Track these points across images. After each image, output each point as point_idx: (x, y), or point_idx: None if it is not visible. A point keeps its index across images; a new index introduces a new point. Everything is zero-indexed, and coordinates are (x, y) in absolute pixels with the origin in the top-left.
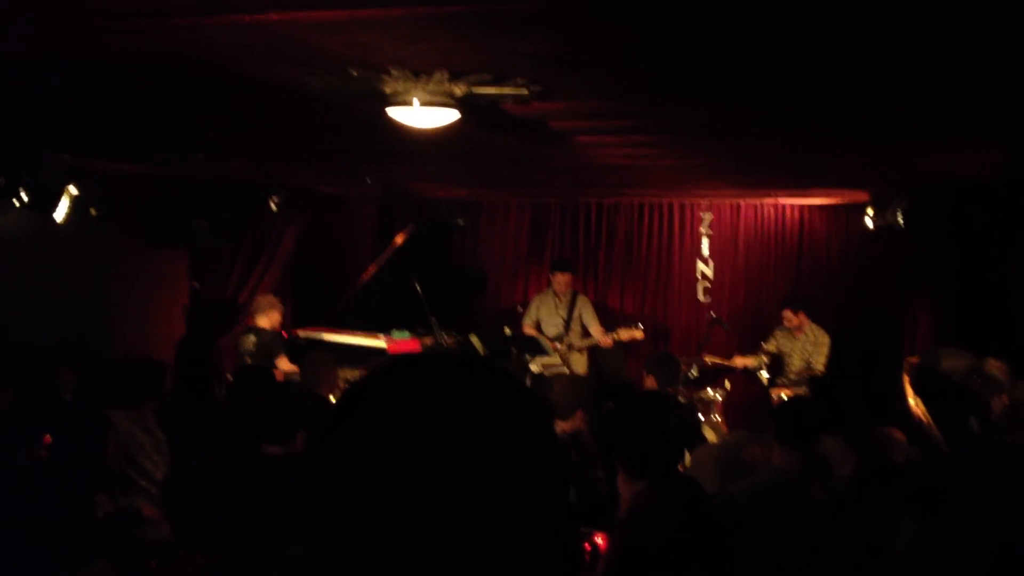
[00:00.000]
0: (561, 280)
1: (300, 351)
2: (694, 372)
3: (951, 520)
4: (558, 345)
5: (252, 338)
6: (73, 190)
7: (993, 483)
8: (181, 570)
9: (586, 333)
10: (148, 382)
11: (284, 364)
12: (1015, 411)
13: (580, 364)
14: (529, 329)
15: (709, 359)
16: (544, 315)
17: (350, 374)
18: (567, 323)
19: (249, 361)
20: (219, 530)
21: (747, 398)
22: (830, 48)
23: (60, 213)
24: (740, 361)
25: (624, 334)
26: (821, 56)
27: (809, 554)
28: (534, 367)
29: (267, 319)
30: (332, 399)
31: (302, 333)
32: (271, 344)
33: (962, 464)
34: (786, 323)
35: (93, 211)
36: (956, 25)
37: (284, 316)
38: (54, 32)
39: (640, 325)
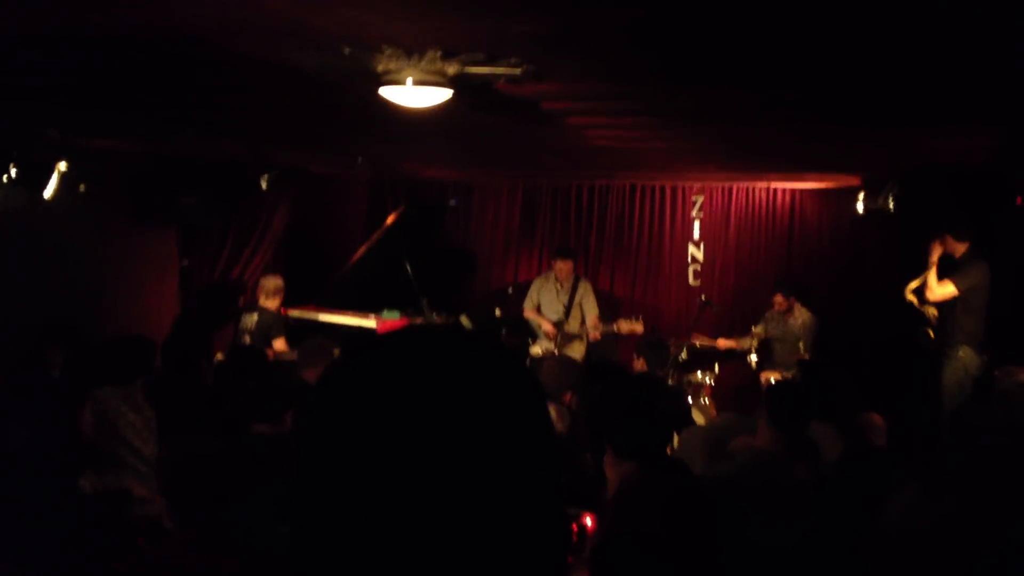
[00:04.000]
0: (562, 267)
1: (290, 331)
2: (684, 355)
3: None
4: (556, 333)
5: (255, 316)
6: (62, 166)
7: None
8: (169, 548)
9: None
10: (137, 360)
11: (280, 345)
12: (1004, 399)
13: (577, 352)
14: (530, 313)
15: (698, 341)
16: (545, 300)
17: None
18: (568, 309)
19: (248, 339)
20: (214, 507)
21: (736, 381)
22: (824, 32)
23: (49, 190)
24: (725, 343)
25: (624, 326)
26: (815, 40)
27: (795, 534)
28: (535, 350)
29: (274, 301)
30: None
31: (293, 313)
32: (272, 325)
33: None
34: (776, 307)
35: (82, 188)
36: (949, 9)
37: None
38: (45, 7)
39: (640, 318)
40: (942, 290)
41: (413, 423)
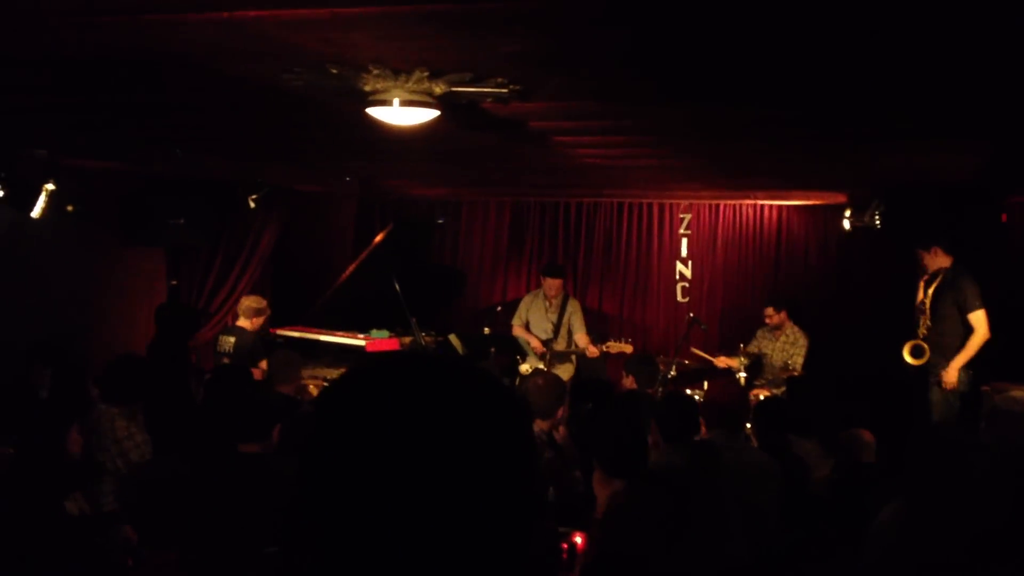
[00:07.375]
0: (552, 285)
1: (276, 350)
2: (672, 372)
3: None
4: (545, 351)
5: (231, 340)
6: (50, 187)
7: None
8: (155, 567)
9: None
10: (143, 379)
11: (264, 365)
12: (994, 416)
13: (566, 372)
14: (519, 330)
15: (696, 351)
16: (533, 317)
17: (329, 373)
18: (556, 327)
19: (227, 362)
20: (182, 528)
21: (724, 399)
22: (813, 50)
23: (37, 210)
24: (724, 361)
25: (614, 347)
26: (801, 59)
27: (784, 546)
28: (523, 368)
29: (250, 322)
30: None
31: (281, 332)
32: (252, 349)
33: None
34: (767, 320)
35: (70, 208)
36: (935, 29)
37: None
38: (32, 28)
39: (630, 340)
40: (983, 320)
41: (404, 447)
